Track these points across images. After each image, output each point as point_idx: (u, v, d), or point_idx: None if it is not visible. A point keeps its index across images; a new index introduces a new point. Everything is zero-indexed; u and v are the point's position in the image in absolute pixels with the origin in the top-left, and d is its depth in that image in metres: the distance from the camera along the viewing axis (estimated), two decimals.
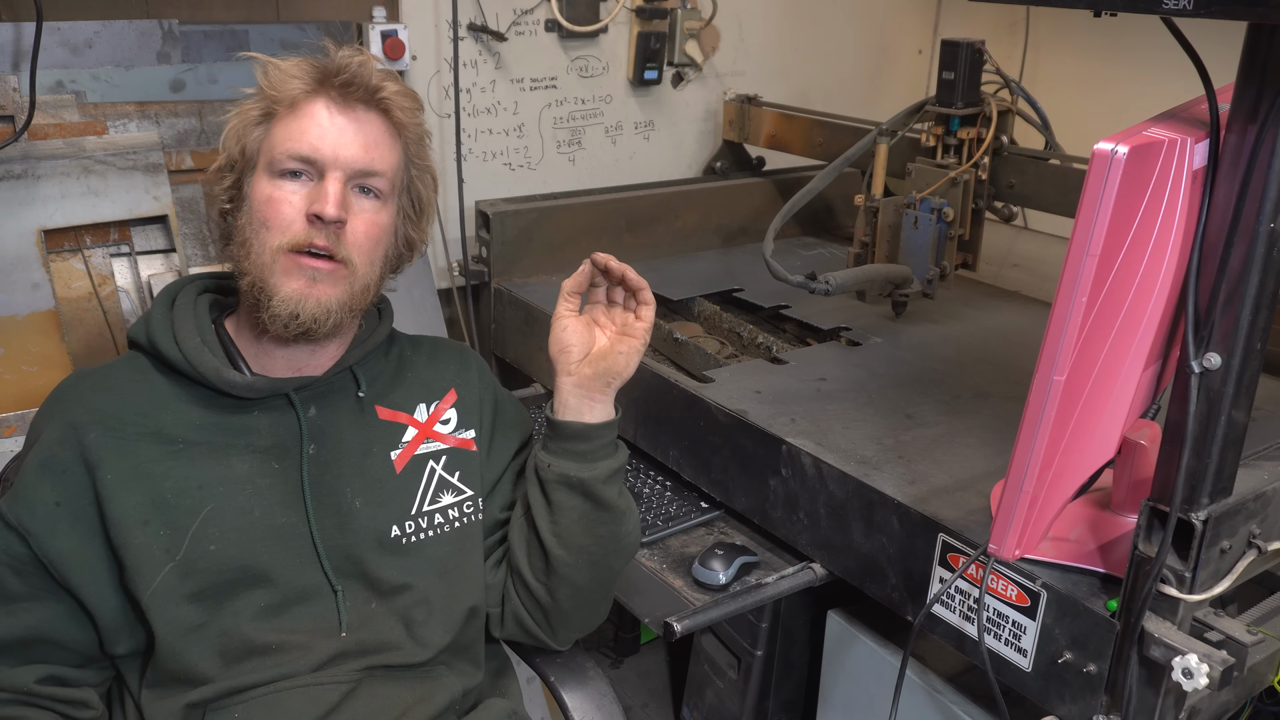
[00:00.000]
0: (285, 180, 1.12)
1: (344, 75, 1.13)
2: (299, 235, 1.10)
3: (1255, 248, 0.91)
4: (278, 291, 1.10)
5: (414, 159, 1.21)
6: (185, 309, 1.17)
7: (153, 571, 1.08)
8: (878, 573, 1.33)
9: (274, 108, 1.13)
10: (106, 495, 1.08)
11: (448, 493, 1.24)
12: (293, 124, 1.12)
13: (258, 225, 1.12)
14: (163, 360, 1.14)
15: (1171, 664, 0.99)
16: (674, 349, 1.97)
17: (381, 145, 1.15)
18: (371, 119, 1.15)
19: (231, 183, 1.16)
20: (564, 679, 1.33)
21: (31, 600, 1.09)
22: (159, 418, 1.12)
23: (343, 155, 1.12)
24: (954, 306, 2.03)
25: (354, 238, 1.13)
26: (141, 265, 1.78)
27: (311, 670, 1.12)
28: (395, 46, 2.00)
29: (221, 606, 1.10)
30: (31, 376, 1.66)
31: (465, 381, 1.30)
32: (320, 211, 1.10)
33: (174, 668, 1.09)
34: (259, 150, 1.14)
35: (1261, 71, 0.89)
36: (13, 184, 1.66)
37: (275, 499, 1.14)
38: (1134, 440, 1.12)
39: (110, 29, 1.78)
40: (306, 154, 1.11)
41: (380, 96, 1.15)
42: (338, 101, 1.13)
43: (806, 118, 2.42)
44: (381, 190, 1.16)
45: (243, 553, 1.11)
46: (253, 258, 1.12)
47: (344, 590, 1.15)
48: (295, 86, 1.12)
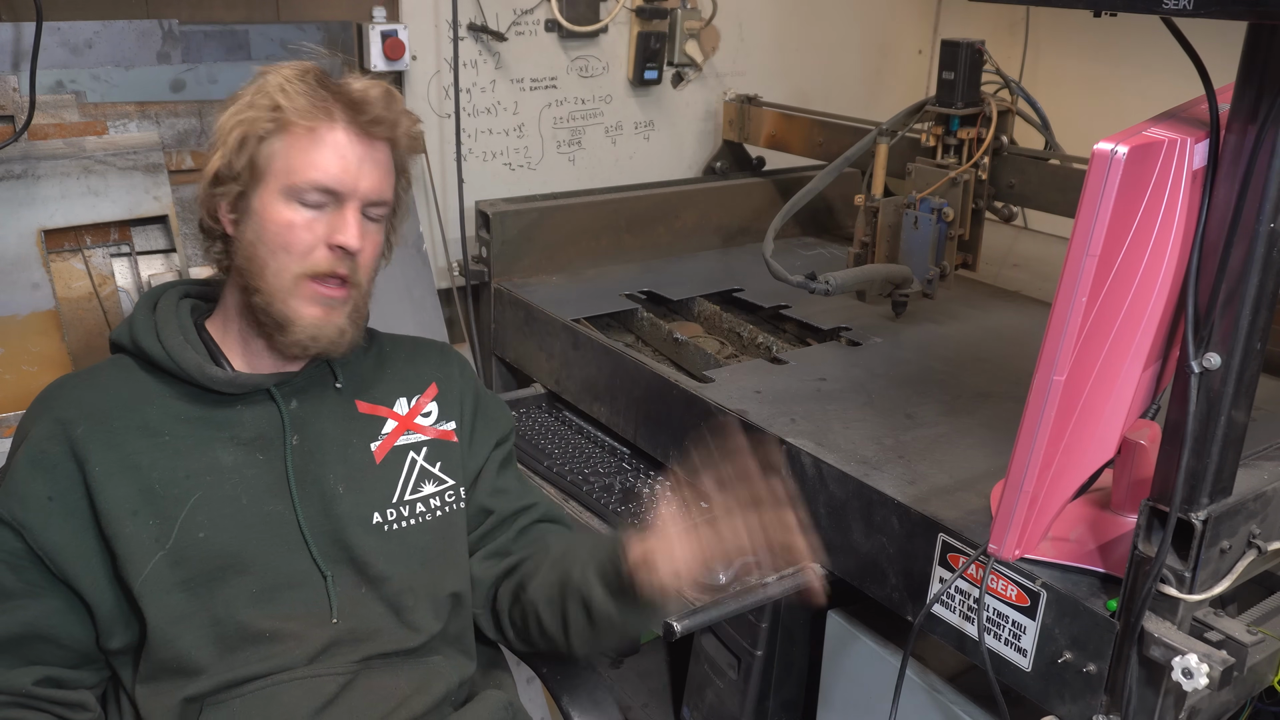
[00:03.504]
0: (306, 209, 1.13)
1: (371, 113, 1.14)
2: (321, 263, 1.13)
3: (1255, 248, 0.91)
4: (298, 319, 1.14)
5: (402, 173, 1.24)
6: (168, 311, 1.20)
7: (143, 560, 1.09)
8: (878, 573, 1.34)
9: (286, 125, 1.12)
10: (96, 487, 1.10)
11: (429, 482, 1.26)
12: (313, 151, 1.12)
13: (275, 248, 1.13)
14: (147, 359, 1.17)
15: (1171, 664, 0.99)
16: (674, 349, 1.97)
17: (390, 174, 1.19)
18: (384, 149, 1.18)
19: (236, 194, 1.15)
20: (561, 677, 1.33)
21: (27, 597, 1.10)
22: (145, 412, 1.15)
23: (362, 187, 1.14)
24: (954, 306, 2.03)
25: (364, 261, 1.17)
26: (141, 265, 1.78)
27: (307, 662, 1.13)
28: (395, 46, 2.00)
29: (213, 594, 1.11)
30: (31, 376, 1.66)
31: (446, 376, 1.33)
32: (345, 244, 1.13)
33: (166, 657, 1.10)
34: (269, 168, 1.13)
35: (1261, 71, 0.89)
36: (13, 184, 1.66)
37: (261, 488, 1.16)
38: (1134, 440, 1.12)
39: (110, 29, 1.78)
40: (331, 185, 1.13)
41: (399, 134, 1.19)
42: (359, 134, 1.14)
43: (806, 118, 2.42)
44: (385, 215, 1.21)
45: (232, 540, 1.13)
46: (269, 279, 1.13)
47: (333, 576, 1.17)
48: (314, 111, 1.12)
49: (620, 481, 1.68)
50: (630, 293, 2.12)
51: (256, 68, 1.19)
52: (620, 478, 1.69)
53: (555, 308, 1.98)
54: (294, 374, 1.21)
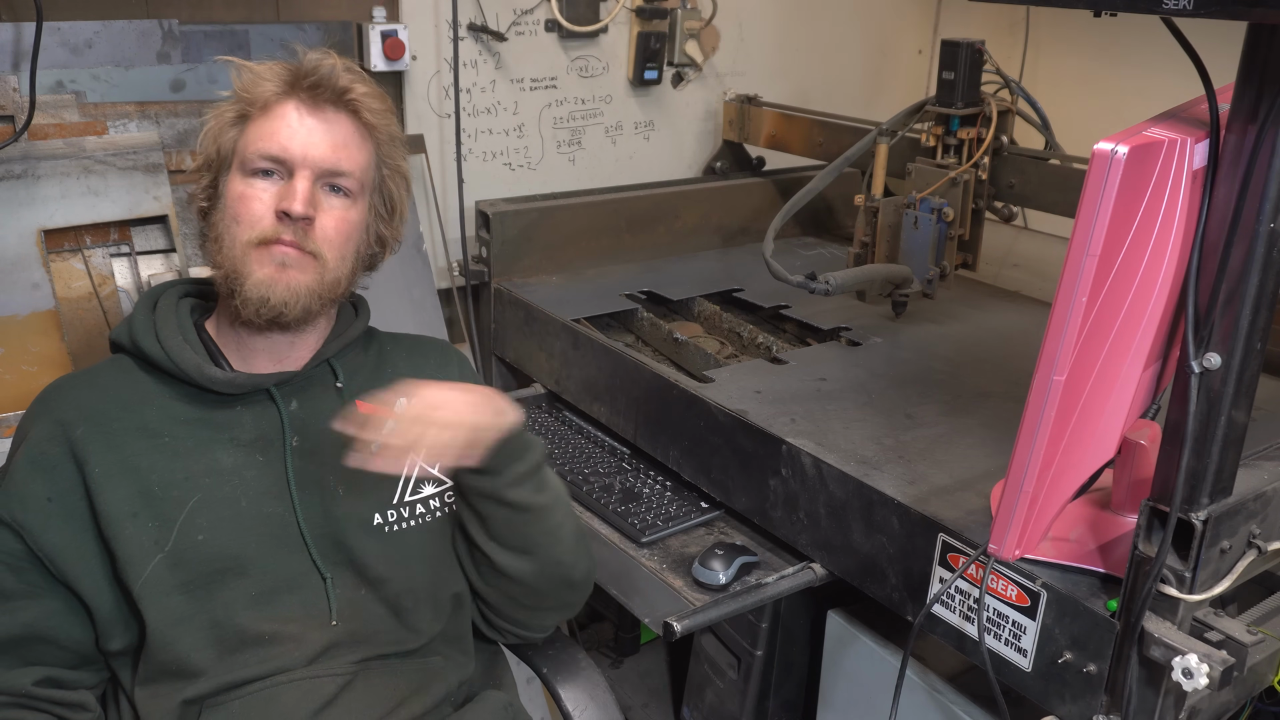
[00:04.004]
0: (257, 179, 1.16)
1: (312, 78, 1.16)
2: (267, 230, 1.14)
3: (1255, 248, 0.91)
4: (249, 278, 1.14)
5: (385, 159, 1.25)
6: (167, 310, 1.20)
7: (143, 563, 1.09)
8: (878, 573, 1.34)
9: (248, 109, 1.17)
10: (96, 489, 1.10)
11: (429, 483, 1.25)
12: (264, 125, 1.16)
13: (229, 221, 1.16)
14: (146, 359, 1.18)
15: (1171, 664, 0.99)
16: (674, 349, 1.97)
17: (350, 145, 1.19)
18: (340, 120, 1.18)
19: (209, 182, 1.20)
20: (561, 677, 1.33)
21: (27, 598, 1.10)
22: (144, 413, 1.15)
23: (311, 155, 1.15)
24: (954, 306, 2.03)
25: (323, 233, 1.17)
26: (141, 265, 1.78)
27: (306, 663, 1.13)
28: (395, 46, 2.00)
29: (212, 596, 1.11)
30: (31, 376, 1.66)
31: (446, 376, 1.32)
32: (288, 208, 1.14)
33: (166, 659, 1.10)
34: (233, 150, 1.17)
35: (1261, 71, 0.89)
36: (13, 184, 1.66)
37: (261, 490, 1.16)
38: (1134, 440, 1.12)
39: (110, 29, 1.78)
40: (276, 153, 1.15)
41: (349, 98, 1.19)
42: (307, 103, 1.17)
43: (806, 118, 2.41)
44: (351, 189, 1.19)
45: (231, 542, 1.13)
46: (225, 251, 1.16)
47: (333, 578, 1.17)
48: (267, 89, 1.16)
49: (620, 481, 1.68)
50: (630, 293, 2.12)
51: (230, 67, 1.22)
52: (620, 478, 1.69)
53: (555, 308, 1.98)
54: (294, 374, 1.21)
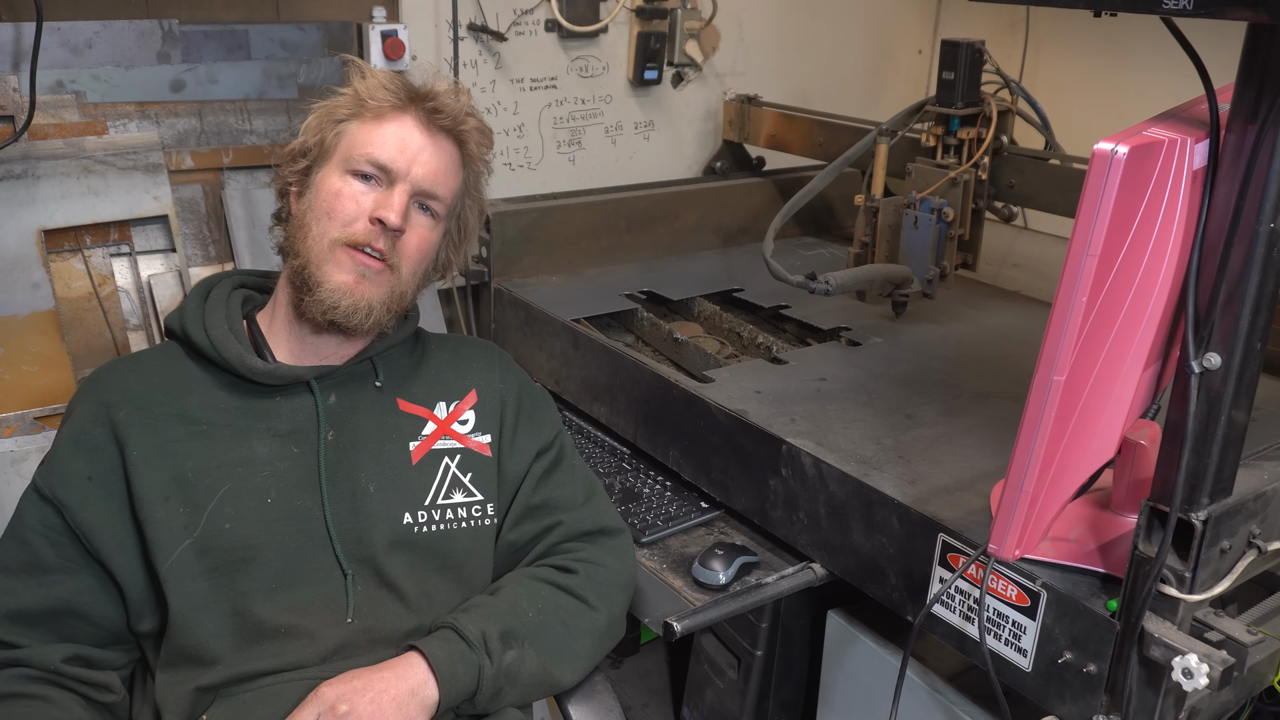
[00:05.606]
0: (356, 180, 1.19)
1: (434, 101, 1.21)
2: (359, 234, 1.17)
3: (1255, 248, 0.91)
4: (327, 281, 1.16)
5: (471, 190, 1.29)
6: (218, 300, 1.24)
7: (171, 546, 1.12)
8: (878, 573, 1.33)
9: (361, 110, 1.20)
10: (134, 471, 1.13)
11: (459, 492, 1.26)
12: (376, 131, 1.19)
13: (320, 214, 1.18)
14: (192, 347, 1.21)
15: (1171, 664, 0.99)
16: (674, 349, 1.97)
17: (450, 172, 1.23)
18: (448, 146, 1.23)
19: (303, 168, 1.22)
20: None
21: (63, 572, 1.13)
22: (185, 399, 1.18)
23: (415, 172, 1.19)
24: (954, 306, 2.03)
25: (406, 248, 1.20)
26: (141, 265, 1.78)
27: (319, 661, 1.14)
28: (395, 46, 2.00)
29: (234, 584, 1.13)
30: (31, 376, 1.66)
31: (487, 383, 1.33)
32: (384, 217, 1.17)
33: (185, 643, 1.12)
34: (336, 146, 1.20)
35: (1261, 71, 0.89)
36: (13, 184, 1.66)
37: (292, 481, 1.18)
38: (1134, 440, 1.12)
39: (110, 29, 1.78)
40: (384, 162, 1.18)
41: (462, 129, 1.24)
42: (423, 122, 1.21)
43: (806, 118, 2.42)
44: (439, 212, 1.24)
45: (256, 532, 1.15)
46: (309, 242, 1.18)
47: (354, 575, 1.18)
48: (386, 97, 1.20)
49: (620, 481, 1.68)
50: (630, 293, 2.12)
51: (352, 67, 1.27)
52: (620, 478, 1.69)
53: (555, 308, 1.98)
54: (335, 368, 1.23)
